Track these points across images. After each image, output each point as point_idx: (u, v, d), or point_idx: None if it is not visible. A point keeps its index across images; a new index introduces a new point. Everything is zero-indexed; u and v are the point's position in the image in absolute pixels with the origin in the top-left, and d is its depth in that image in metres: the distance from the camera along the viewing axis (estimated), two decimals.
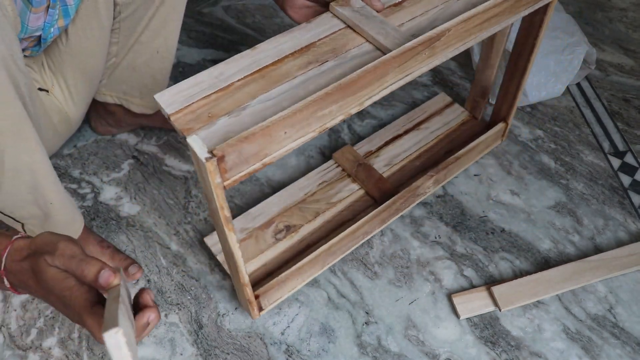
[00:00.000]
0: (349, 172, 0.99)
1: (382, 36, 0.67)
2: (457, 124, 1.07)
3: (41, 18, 0.71)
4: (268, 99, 0.62)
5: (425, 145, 1.04)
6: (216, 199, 0.58)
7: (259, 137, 0.56)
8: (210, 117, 0.60)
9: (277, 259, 0.89)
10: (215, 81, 0.64)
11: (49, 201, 0.75)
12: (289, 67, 0.65)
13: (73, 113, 0.92)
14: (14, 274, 0.56)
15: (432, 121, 1.08)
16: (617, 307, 0.84)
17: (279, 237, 0.91)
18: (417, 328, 0.84)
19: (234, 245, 0.66)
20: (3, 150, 0.65)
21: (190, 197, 1.01)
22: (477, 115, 1.08)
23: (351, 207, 0.95)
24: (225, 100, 0.62)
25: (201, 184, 0.61)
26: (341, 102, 0.61)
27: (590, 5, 1.38)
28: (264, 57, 0.67)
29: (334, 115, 0.61)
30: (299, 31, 0.69)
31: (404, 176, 0.99)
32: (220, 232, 0.66)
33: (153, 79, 0.98)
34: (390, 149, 1.04)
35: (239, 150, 0.55)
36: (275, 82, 0.64)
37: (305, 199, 0.96)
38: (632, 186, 0.99)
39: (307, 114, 0.58)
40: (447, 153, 1.02)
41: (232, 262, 0.70)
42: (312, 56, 0.67)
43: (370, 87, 0.62)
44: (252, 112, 0.61)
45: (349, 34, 0.69)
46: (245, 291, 0.75)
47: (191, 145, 0.55)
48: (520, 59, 0.91)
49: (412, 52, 0.63)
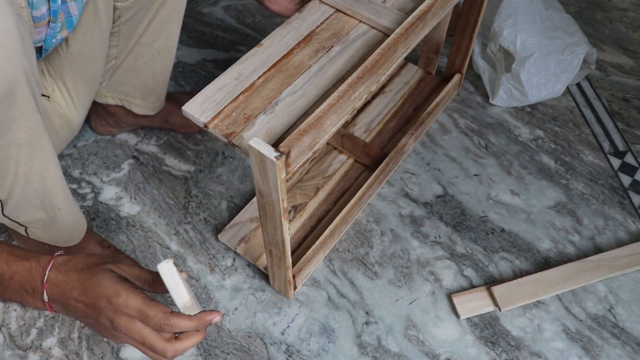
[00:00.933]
0: (334, 145, 1.05)
1: (375, 15, 0.72)
2: (416, 82, 1.17)
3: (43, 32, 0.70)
4: (294, 91, 0.65)
5: (394, 107, 1.12)
6: (280, 193, 0.60)
7: (313, 128, 0.58)
8: (247, 118, 0.62)
9: (295, 238, 0.93)
10: (236, 83, 0.66)
11: (57, 207, 0.75)
12: (300, 57, 0.69)
13: (74, 117, 0.92)
14: (57, 285, 0.59)
15: (394, 83, 1.16)
16: (617, 307, 0.84)
17: (289, 218, 0.94)
18: (417, 328, 0.84)
19: (286, 233, 0.68)
20: (18, 161, 0.64)
21: (190, 197, 1.01)
22: (432, 70, 1.17)
23: (346, 176, 1.01)
24: (254, 100, 0.64)
25: (257, 180, 0.61)
26: (367, 82, 0.64)
27: (590, 5, 1.38)
28: (272, 52, 0.70)
29: (361, 95, 0.65)
30: (295, 21, 0.73)
31: (384, 138, 1.08)
32: (271, 221, 0.68)
33: (154, 79, 0.98)
34: (364, 116, 1.11)
35: (299, 144, 0.58)
36: (294, 75, 0.67)
37: (302, 179, 1.01)
38: (632, 186, 0.99)
39: (345, 99, 0.62)
40: (416, 109, 1.12)
41: (280, 248, 0.73)
42: (318, 43, 0.71)
43: (385, 64, 0.67)
44: (285, 105, 0.64)
45: (342, 17, 0.74)
46: (288, 273, 0.79)
47: (255, 147, 0.55)
48: (470, 13, 0.98)
49: (412, 27, 0.69)
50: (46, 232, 0.78)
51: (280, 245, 0.72)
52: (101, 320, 0.58)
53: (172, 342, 0.59)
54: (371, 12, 0.73)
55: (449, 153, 1.06)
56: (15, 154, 0.63)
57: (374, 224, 0.96)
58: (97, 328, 0.60)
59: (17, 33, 0.55)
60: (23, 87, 0.58)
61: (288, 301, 0.87)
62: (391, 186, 1.01)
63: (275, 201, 0.62)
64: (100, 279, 0.58)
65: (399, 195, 1.00)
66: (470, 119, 1.12)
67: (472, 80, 1.19)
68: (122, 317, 0.57)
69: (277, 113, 0.63)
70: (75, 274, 0.59)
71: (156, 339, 0.58)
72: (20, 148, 0.63)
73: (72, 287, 0.59)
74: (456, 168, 1.04)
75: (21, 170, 0.65)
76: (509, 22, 1.06)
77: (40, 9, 0.64)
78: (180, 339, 0.60)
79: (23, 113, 0.60)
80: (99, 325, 0.59)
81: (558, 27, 1.09)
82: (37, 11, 0.64)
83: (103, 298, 0.57)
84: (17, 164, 0.64)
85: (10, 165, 0.63)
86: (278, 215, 0.65)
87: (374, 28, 0.73)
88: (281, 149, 0.55)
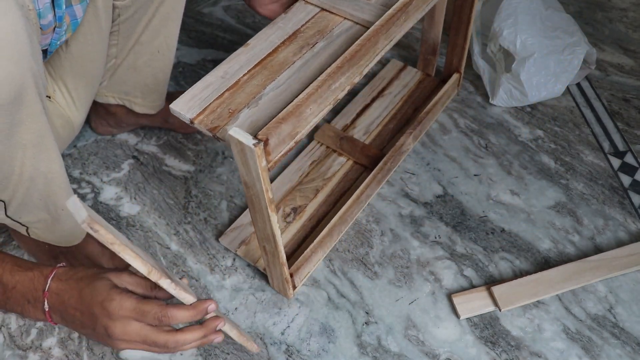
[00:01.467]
0: (333, 147, 1.06)
1: (359, 12, 0.74)
2: (415, 84, 1.17)
3: (49, 37, 0.71)
4: (277, 86, 0.67)
5: (394, 109, 1.13)
6: (262, 182, 0.60)
7: (292, 117, 0.59)
8: (231, 112, 0.64)
9: (294, 240, 0.93)
10: (222, 81, 0.68)
11: (60, 207, 0.74)
12: (285, 54, 0.71)
13: (75, 117, 0.91)
14: (57, 293, 0.61)
15: (393, 86, 1.17)
16: (617, 307, 0.84)
17: (289, 220, 0.95)
18: (417, 328, 0.84)
19: (275, 226, 0.69)
20: (23, 163, 0.64)
21: (190, 197, 1.01)
22: (430, 72, 1.18)
23: (345, 177, 1.02)
24: (239, 95, 0.66)
25: (241, 172, 0.62)
26: (347, 73, 0.66)
27: (590, 5, 1.38)
28: (258, 50, 0.71)
29: (343, 86, 0.66)
30: (281, 22, 0.75)
31: (383, 139, 1.08)
32: (259, 214, 0.69)
33: (154, 78, 0.98)
34: (364, 119, 1.12)
35: (278, 132, 0.58)
36: (278, 70, 0.68)
37: (301, 181, 1.01)
38: (632, 186, 0.99)
39: (325, 88, 0.63)
40: (415, 111, 1.12)
41: (272, 243, 0.73)
42: (302, 41, 0.72)
43: (367, 55, 0.68)
44: (268, 99, 0.65)
45: (327, 16, 0.75)
46: (283, 270, 0.79)
47: (234, 136, 0.57)
48: (463, 11, 0.99)
49: (393, 19, 0.70)
50: (48, 231, 0.78)
51: (272, 239, 0.72)
52: (97, 329, 0.59)
53: (172, 334, 0.60)
54: (355, 8, 0.75)
55: (449, 153, 1.06)
56: (21, 156, 0.63)
57: (374, 224, 0.96)
58: (95, 337, 0.61)
59: (27, 36, 0.55)
60: (31, 90, 0.58)
61: (288, 301, 0.87)
62: (391, 186, 1.01)
63: (260, 192, 0.63)
64: (96, 286, 0.59)
65: (399, 195, 1.00)
66: (470, 119, 1.12)
67: (472, 80, 1.19)
68: (116, 322, 0.57)
69: (261, 107, 0.64)
70: (75, 282, 0.60)
71: (156, 333, 0.59)
72: (26, 150, 0.63)
73: (70, 296, 0.60)
74: (456, 168, 1.04)
75: (26, 171, 0.65)
76: (508, 22, 1.06)
77: (47, 17, 0.64)
78: (182, 331, 0.61)
79: (30, 115, 0.60)
80: (96, 335, 0.60)
81: (558, 27, 1.09)
82: (44, 19, 0.64)
83: (97, 304, 0.58)
84: (22, 165, 0.64)
85: (14, 166, 0.63)
86: (265, 206, 0.65)
87: (358, 24, 0.74)
88: (259, 136, 0.57)
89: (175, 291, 0.58)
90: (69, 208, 0.51)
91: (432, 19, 1.07)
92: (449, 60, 1.12)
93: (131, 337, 0.58)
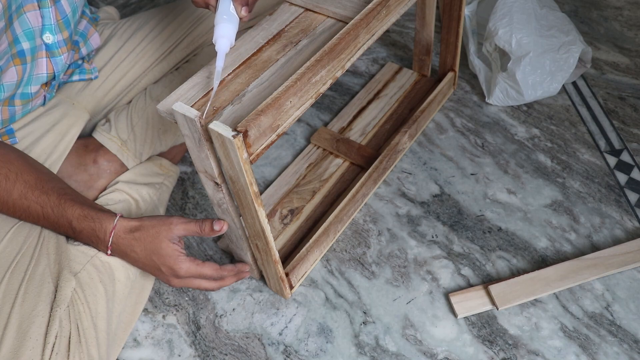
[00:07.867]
0: (330, 149, 1.06)
1: (341, 9, 0.75)
2: (411, 85, 1.18)
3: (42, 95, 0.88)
4: (261, 83, 0.68)
5: (390, 110, 1.14)
6: (245, 175, 0.61)
7: (272, 109, 0.61)
8: (215, 110, 0.65)
9: (292, 241, 0.94)
10: (207, 81, 0.69)
11: None
12: (269, 53, 0.72)
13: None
14: (118, 245, 0.74)
15: (389, 87, 1.18)
16: (614, 305, 0.84)
17: (286, 221, 0.96)
18: (414, 327, 0.84)
19: (263, 220, 0.69)
20: None
21: (187, 199, 1.01)
22: (426, 72, 1.18)
23: (342, 178, 1.02)
24: (223, 94, 0.67)
25: (225, 167, 0.64)
26: (328, 66, 0.67)
27: (585, 4, 1.38)
28: (243, 51, 0.73)
29: (324, 80, 0.68)
30: (266, 23, 0.77)
31: (379, 140, 1.09)
32: (247, 210, 0.69)
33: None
34: (360, 121, 1.12)
35: (257, 124, 0.60)
36: (262, 68, 0.70)
37: (298, 183, 1.01)
38: (629, 184, 1.00)
39: (305, 81, 0.64)
40: (411, 111, 1.12)
41: (262, 239, 0.74)
42: (286, 39, 0.74)
43: (348, 49, 0.70)
44: (251, 96, 0.66)
45: (311, 15, 0.77)
46: (277, 269, 0.79)
47: (215, 129, 0.58)
48: (453, 8, 0.99)
49: (373, 13, 0.72)
50: None
51: (262, 234, 0.72)
52: (160, 276, 0.76)
53: (218, 282, 0.79)
54: (337, 6, 0.76)
55: (445, 152, 1.06)
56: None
57: (371, 224, 0.96)
58: (154, 274, 0.77)
59: None
60: None
61: (285, 301, 0.87)
62: (388, 186, 1.02)
63: (244, 185, 0.64)
64: (162, 248, 0.73)
65: (395, 194, 1.00)
66: (467, 118, 1.12)
67: (468, 80, 1.19)
68: (182, 280, 0.76)
69: (244, 103, 0.66)
70: (135, 241, 0.73)
71: (208, 283, 0.78)
72: None
73: (132, 250, 0.74)
74: (453, 167, 1.04)
75: None
76: (504, 21, 1.06)
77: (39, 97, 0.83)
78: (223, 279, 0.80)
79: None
80: (156, 273, 0.76)
81: (553, 26, 1.10)
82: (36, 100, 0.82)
83: (165, 265, 0.73)
84: None
85: None
86: (251, 201, 0.66)
87: (341, 20, 0.75)
88: (238, 128, 0.58)
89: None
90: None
91: (424, 19, 1.07)
92: (442, 59, 1.12)
93: (189, 284, 0.76)
